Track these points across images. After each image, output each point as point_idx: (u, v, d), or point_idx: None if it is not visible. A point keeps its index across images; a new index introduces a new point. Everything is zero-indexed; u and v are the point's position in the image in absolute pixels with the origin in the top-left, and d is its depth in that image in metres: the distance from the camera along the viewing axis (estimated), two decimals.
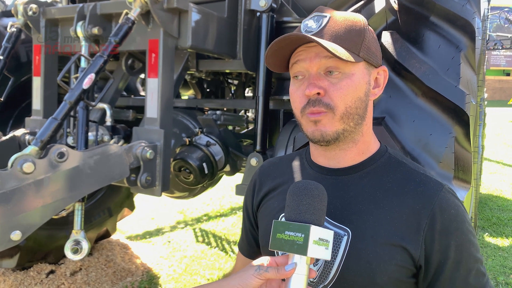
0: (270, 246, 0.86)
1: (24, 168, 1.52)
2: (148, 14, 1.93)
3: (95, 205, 3.62)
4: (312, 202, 0.85)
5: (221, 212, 5.70)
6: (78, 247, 1.86)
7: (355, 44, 0.95)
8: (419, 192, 0.96)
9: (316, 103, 0.95)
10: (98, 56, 1.80)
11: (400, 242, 0.92)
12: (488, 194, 6.62)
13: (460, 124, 1.37)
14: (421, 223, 0.93)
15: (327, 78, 0.95)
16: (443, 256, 0.93)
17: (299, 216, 0.84)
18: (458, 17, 1.50)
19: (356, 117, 0.97)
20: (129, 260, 3.93)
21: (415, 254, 0.92)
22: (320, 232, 0.83)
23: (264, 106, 2.23)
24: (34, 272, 3.34)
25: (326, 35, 0.94)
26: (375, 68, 1.02)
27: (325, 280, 0.97)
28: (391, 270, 0.92)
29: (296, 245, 0.82)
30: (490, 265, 4.11)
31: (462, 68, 1.43)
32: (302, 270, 0.83)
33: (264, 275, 0.84)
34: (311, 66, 0.96)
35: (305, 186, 0.87)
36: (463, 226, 0.95)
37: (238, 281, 0.85)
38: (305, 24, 0.98)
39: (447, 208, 0.94)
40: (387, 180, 1.00)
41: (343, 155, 1.03)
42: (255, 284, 0.84)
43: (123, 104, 3.11)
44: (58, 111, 1.71)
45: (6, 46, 2.26)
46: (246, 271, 0.86)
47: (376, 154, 1.05)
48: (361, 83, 0.97)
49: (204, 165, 2.27)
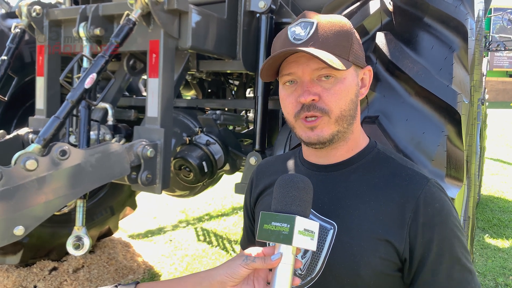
0: (257, 236, 0.89)
1: (27, 165, 1.55)
2: (149, 15, 1.97)
3: (98, 203, 3.66)
4: (298, 194, 0.88)
5: (222, 212, 5.74)
6: (80, 243, 1.90)
7: (345, 50, 0.97)
8: (404, 186, 0.98)
9: (311, 108, 0.96)
10: (100, 56, 1.84)
11: (385, 236, 0.95)
12: (489, 196, 6.62)
13: (452, 123, 1.40)
14: (405, 216, 0.95)
15: (320, 84, 0.97)
16: (426, 249, 0.94)
17: (285, 207, 0.87)
18: (451, 18, 1.53)
19: (349, 118, 1.00)
20: (131, 258, 3.97)
21: (400, 247, 0.94)
22: (305, 223, 0.85)
23: (263, 106, 2.26)
24: (37, 268, 3.39)
25: (316, 43, 0.95)
26: (361, 69, 1.05)
27: (312, 273, 1.00)
28: (375, 263, 0.94)
29: (282, 235, 0.84)
30: (490, 267, 4.13)
31: (454, 68, 1.45)
32: (288, 260, 0.86)
33: (251, 265, 0.86)
34: (303, 74, 0.98)
35: (291, 179, 0.90)
36: (448, 220, 0.96)
37: (226, 270, 0.88)
38: (292, 31, 0.99)
39: (431, 202, 0.95)
40: (374, 175, 1.02)
41: (334, 153, 1.06)
42: (242, 273, 0.87)
43: (125, 104, 3.15)
44: (60, 110, 1.75)
45: (10, 46, 2.30)
46: (234, 261, 0.89)
47: (364, 150, 1.07)
48: (352, 85, 1.00)
49: (204, 163, 2.30)
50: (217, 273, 0.89)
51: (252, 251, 0.90)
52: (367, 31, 1.64)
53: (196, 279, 0.91)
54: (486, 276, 3.93)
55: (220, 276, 0.88)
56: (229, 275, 0.87)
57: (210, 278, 0.89)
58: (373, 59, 1.56)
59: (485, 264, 4.19)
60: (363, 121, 1.47)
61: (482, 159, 6.17)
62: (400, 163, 1.04)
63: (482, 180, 6.35)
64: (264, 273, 0.91)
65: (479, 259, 4.30)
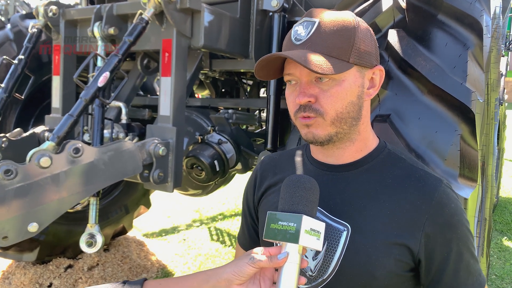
0: (264, 235, 0.89)
1: (41, 163, 1.57)
2: (161, 14, 1.98)
3: (112, 202, 3.70)
4: (305, 194, 0.88)
5: (236, 212, 5.74)
6: (93, 240, 1.92)
7: (344, 51, 0.95)
8: (419, 188, 0.97)
9: (306, 109, 0.97)
10: (113, 55, 1.86)
11: (399, 237, 0.94)
12: (508, 198, 6.49)
13: (466, 122, 1.37)
14: (421, 218, 0.95)
15: (318, 85, 0.97)
16: (447, 249, 0.95)
17: (292, 207, 0.88)
18: (466, 15, 1.50)
19: (349, 120, 0.99)
20: (144, 256, 4.00)
21: (414, 248, 0.94)
22: (311, 222, 0.86)
23: (275, 105, 2.25)
24: (53, 266, 3.44)
25: (313, 44, 0.94)
26: (369, 69, 1.02)
27: (324, 274, 0.99)
28: (390, 264, 0.94)
29: (288, 234, 0.85)
30: (508, 269, 4.04)
31: (469, 66, 1.42)
32: (295, 259, 0.86)
33: (257, 264, 0.86)
34: (301, 76, 0.98)
35: (298, 179, 0.91)
36: (463, 219, 0.98)
37: (233, 268, 0.88)
38: (295, 31, 0.99)
39: (448, 202, 0.96)
40: (386, 176, 1.01)
41: (341, 153, 1.05)
42: (249, 272, 0.87)
43: (139, 103, 3.18)
44: (74, 108, 1.77)
45: (27, 46, 2.35)
46: (241, 259, 0.89)
47: (375, 151, 1.06)
48: (353, 87, 0.98)
49: (216, 162, 2.31)
50: (224, 271, 0.89)
51: (259, 250, 0.90)
52: (379, 28, 1.62)
53: (203, 276, 0.92)
54: (504, 279, 3.85)
55: (226, 274, 0.88)
56: (235, 274, 0.87)
57: (217, 276, 0.89)
58: (385, 56, 1.54)
59: (502, 267, 4.10)
60: (374, 120, 1.45)
61: (501, 161, 6.05)
62: (411, 164, 1.03)
63: (500, 182, 6.22)
64: (270, 273, 0.91)
65: (496, 262, 4.22)
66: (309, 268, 1.02)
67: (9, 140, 2.16)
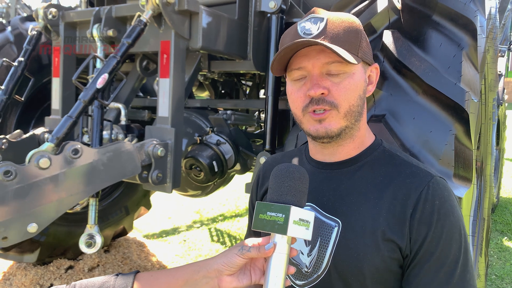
0: (253, 226, 0.90)
1: (41, 164, 1.59)
2: (160, 16, 1.99)
3: (113, 203, 3.71)
4: (293, 184, 0.89)
5: (236, 213, 5.75)
6: (92, 241, 1.94)
7: (354, 46, 0.98)
8: (408, 183, 0.98)
9: (320, 102, 0.97)
10: (112, 57, 1.87)
11: (388, 233, 0.95)
12: (508, 198, 6.48)
13: (460, 121, 1.38)
14: (407, 212, 0.95)
15: (329, 79, 0.98)
16: (418, 247, 0.94)
17: (280, 197, 0.88)
18: (460, 16, 1.51)
19: (356, 114, 1.01)
20: (145, 257, 4.01)
21: (402, 244, 0.94)
22: (300, 212, 0.86)
23: (273, 106, 2.26)
24: (53, 267, 3.45)
25: (327, 37, 0.96)
26: (369, 66, 1.06)
27: (318, 270, 1.01)
28: (379, 260, 0.95)
29: (277, 225, 0.86)
30: (508, 270, 4.04)
31: (463, 66, 1.44)
32: (283, 249, 0.87)
33: (246, 255, 0.88)
34: (313, 69, 0.98)
35: (287, 169, 0.91)
36: (447, 219, 0.94)
37: (223, 259, 0.90)
38: (302, 27, 0.99)
39: (431, 199, 0.95)
40: (378, 173, 1.02)
41: (340, 150, 1.06)
42: (238, 263, 0.89)
43: (139, 105, 3.20)
44: (73, 110, 1.79)
45: (27, 48, 2.36)
46: (230, 251, 0.91)
47: (370, 148, 1.08)
48: (360, 81, 1.01)
49: (214, 163, 2.32)
50: (214, 262, 0.91)
51: (249, 241, 0.91)
52: (374, 29, 1.63)
53: (194, 267, 0.93)
54: (504, 279, 3.85)
55: (217, 265, 0.90)
56: (225, 264, 0.89)
57: (207, 266, 0.91)
58: (380, 57, 1.55)
59: (503, 267, 4.10)
60: (369, 120, 1.47)
61: (501, 161, 6.04)
62: (405, 160, 1.04)
63: (501, 182, 6.21)
64: (260, 263, 0.93)
65: (497, 262, 4.22)
66: (305, 265, 1.03)
67: (9, 142, 2.18)
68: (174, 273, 0.94)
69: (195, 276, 0.91)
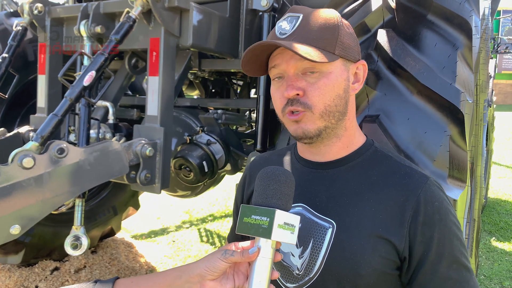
0: (237, 229, 0.88)
1: (24, 163, 1.54)
2: (149, 12, 1.95)
3: (100, 203, 3.65)
4: (279, 187, 0.87)
5: (226, 213, 5.71)
6: (78, 242, 1.89)
7: (330, 43, 0.96)
8: (403, 185, 0.96)
9: (294, 103, 0.97)
10: (99, 54, 1.82)
11: (384, 234, 0.93)
12: (496, 199, 6.55)
13: (455, 122, 1.37)
14: (405, 215, 0.93)
15: (305, 78, 0.97)
16: (425, 248, 0.93)
17: (265, 200, 0.86)
18: (455, 15, 1.50)
19: (337, 114, 0.99)
20: (133, 258, 3.96)
21: (400, 246, 0.93)
22: (285, 216, 0.84)
23: (265, 105, 2.23)
24: (39, 268, 3.38)
25: (299, 36, 0.94)
26: (353, 63, 1.03)
27: (310, 272, 0.98)
28: (375, 262, 0.93)
29: (261, 228, 0.83)
30: (496, 270, 4.07)
31: (458, 66, 1.42)
32: (267, 254, 0.84)
33: (229, 259, 0.86)
34: (288, 68, 0.97)
35: (273, 171, 0.89)
36: (447, 219, 0.95)
37: (206, 263, 0.87)
38: (279, 26, 0.99)
39: (431, 200, 0.94)
40: (372, 173, 1.00)
41: (328, 150, 1.05)
42: (221, 267, 0.86)
43: (128, 103, 3.14)
44: (58, 108, 1.73)
45: (12, 44, 2.30)
46: (213, 255, 0.88)
47: (361, 148, 1.06)
48: (339, 80, 0.98)
49: (204, 163, 2.28)
50: (196, 266, 0.88)
51: (232, 245, 0.89)
52: (368, 28, 1.61)
53: (176, 273, 0.91)
54: (492, 280, 3.87)
55: (199, 270, 0.87)
56: (208, 269, 0.86)
57: (189, 271, 0.88)
58: (374, 56, 1.53)
59: (491, 267, 4.13)
60: (363, 120, 1.44)
61: (489, 162, 6.10)
62: (398, 161, 1.03)
63: (489, 183, 6.27)
64: (244, 268, 0.90)
65: (485, 262, 4.24)
66: (296, 267, 1.01)
67: None
68: (155, 278, 0.91)
69: (177, 281, 0.88)
